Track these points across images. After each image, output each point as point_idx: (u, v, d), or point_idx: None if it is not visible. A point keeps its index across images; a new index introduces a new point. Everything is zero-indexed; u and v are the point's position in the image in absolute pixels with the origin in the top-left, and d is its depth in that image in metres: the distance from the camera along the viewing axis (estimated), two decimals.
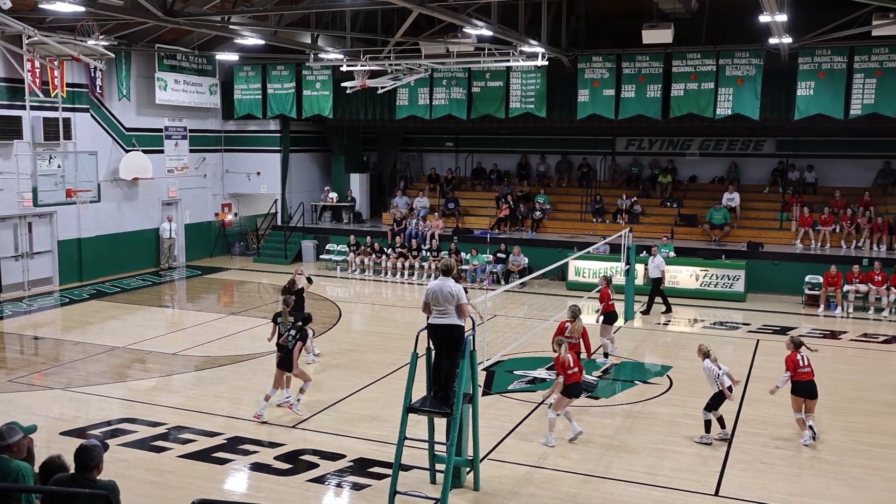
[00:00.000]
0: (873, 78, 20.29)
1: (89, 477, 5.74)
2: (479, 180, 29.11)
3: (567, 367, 11.07)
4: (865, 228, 22.37)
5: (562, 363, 11.09)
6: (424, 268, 24.21)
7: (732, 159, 26.65)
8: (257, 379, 14.15)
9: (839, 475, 10.22)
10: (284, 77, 26.60)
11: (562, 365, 11.09)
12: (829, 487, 9.87)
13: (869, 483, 9.99)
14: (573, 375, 11.09)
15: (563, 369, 11.07)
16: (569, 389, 11.11)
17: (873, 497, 9.60)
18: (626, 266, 19.01)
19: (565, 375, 11.06)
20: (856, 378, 14.55)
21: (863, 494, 9.65)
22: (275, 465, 10.46)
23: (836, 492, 9.74)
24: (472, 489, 9.70)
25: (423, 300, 9.53)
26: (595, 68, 22.81)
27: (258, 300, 21.66)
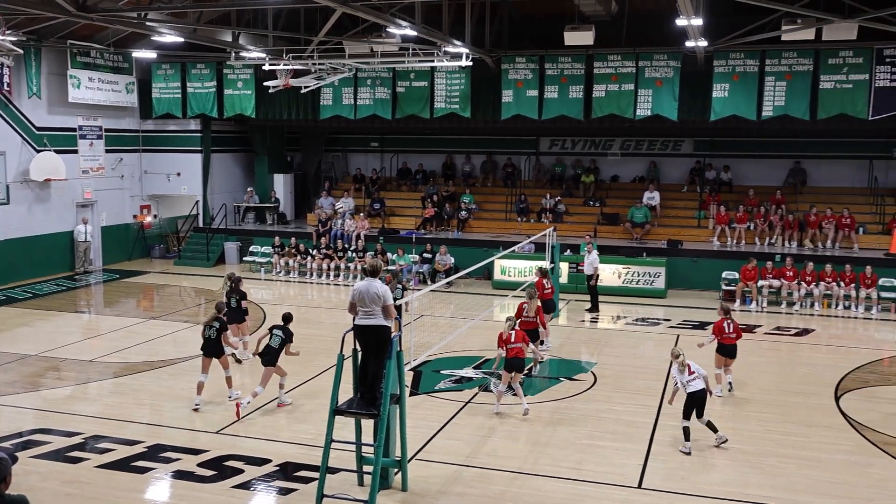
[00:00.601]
0: (783, 81, 21.08)
1: None
2: (405, 180, 29.09)
3: (507, 341, 12.16)
4: (778, 226, 23.21)
5: (504, 339, 12.20)
6: (350, 269, 24.06)
7: (652, 159, 27.31)
8: (179, 385, 13.84)
9: (755, 464, 10.56)
10: (205, 76, 26.07)
11: (503, 340, 12.21)
12: (746, 476, 10.19)
13: (783, 470, 10.36)
14: (513, 350, 12.15)
15: (504, 343, 12.18)
16: (509, 363, 12.20)
17: (788, 484, 9.95)
18: (550, 265, 19.25)
19: (505, 350, 12.15)
20: (770, 370, 15.07)
21: (778, 482, 10.00)
22: (198, 472, 10.23)
23: (753, 480, 10.07)
24: (401, 490, 9.68)
25: (350, 301, 9.47)
26: (518, 69, 23.06)
27: (180, 304, 21.16)
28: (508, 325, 12.45)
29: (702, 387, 10.99)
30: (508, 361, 12.26)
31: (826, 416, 12.49)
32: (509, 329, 12.36)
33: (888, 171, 25.17)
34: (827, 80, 20.76)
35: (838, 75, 20.65)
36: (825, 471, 10.38)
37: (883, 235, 22.65)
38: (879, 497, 9.61)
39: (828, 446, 11.27)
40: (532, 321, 14.41)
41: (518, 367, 12.36)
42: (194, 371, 14.66)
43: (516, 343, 12.25)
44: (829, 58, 20.66)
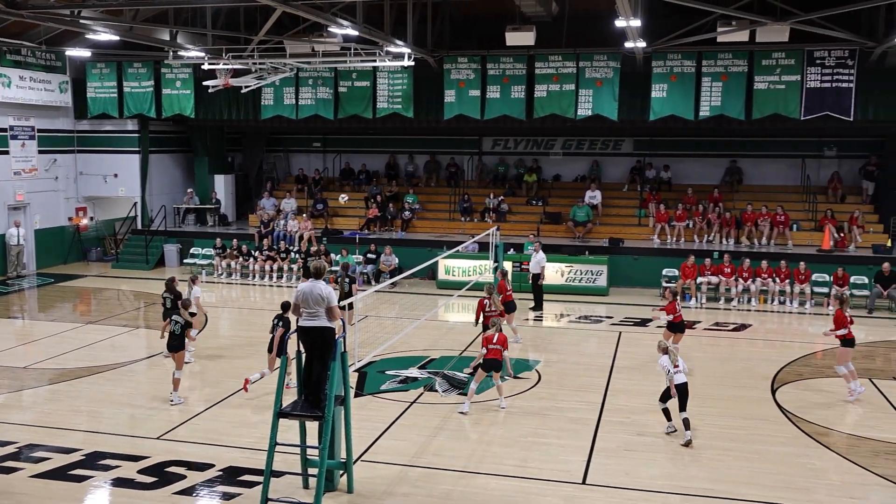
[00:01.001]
0: (719, 81, 21.56)
1: None
2: (348, 181, 28.93)
3: (490, 341, 12.46)
4: (715, 223, 23.73)
5: (488, 338, 12.53)
6: (293, 270, 23.83)
7: (594, 158, 27.67)
8: (118, 390, 13.54)
9: (696, 458, 10.78)
10: (142, 75, 25.54)
11: (486, 340, 12.54)
12: (686, 469, 10.39)
13: (723, 463, 10.59)
14: (492, 351, 12.43)
15: (486, 343, 12.49)
16: (487, 363, 12.44)
17: (727, 476, 10.18)
18: (494, 264, 19.37)
19: (487, 350, 12.44)
20: (709, 365, 15.39)
21: (718, 475, 10.22)
22: (138, 479, 10.01)
23: (694, 473, 10.27)
24: (346, 492, 9.63)
25: (293, 302, 9.38)
26: (461, 69, 23.13)
27: (118, 308, 20.68)
28: (494, 328, 12.76)
29: (685, 380, 11.41)
30: (486, 361, 12.48)
31: (763, 409, 12.81)
32: (495, 331, 12.67)
33: (819, 170, 25.97)
34: (761, 81, 21.30)
35: (771, 76, 21.21)
36: (763, 462, 10.64)
37: (815, 232, 23.34)
38: (815, 486, 9.89)
39: (765, 438, 11.56)
40: (494, 314, 14.76)
41: (495, 367, 12.55)
42: (134, 376, 14.44)
43: (497, 345, 12.48)
44: (763, 59, 21.21)
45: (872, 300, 20.11)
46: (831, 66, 20.82)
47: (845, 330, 12.97)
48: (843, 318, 13.01)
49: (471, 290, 19.83)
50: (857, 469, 10.41)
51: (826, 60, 20.83)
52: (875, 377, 14.55)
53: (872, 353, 16.48)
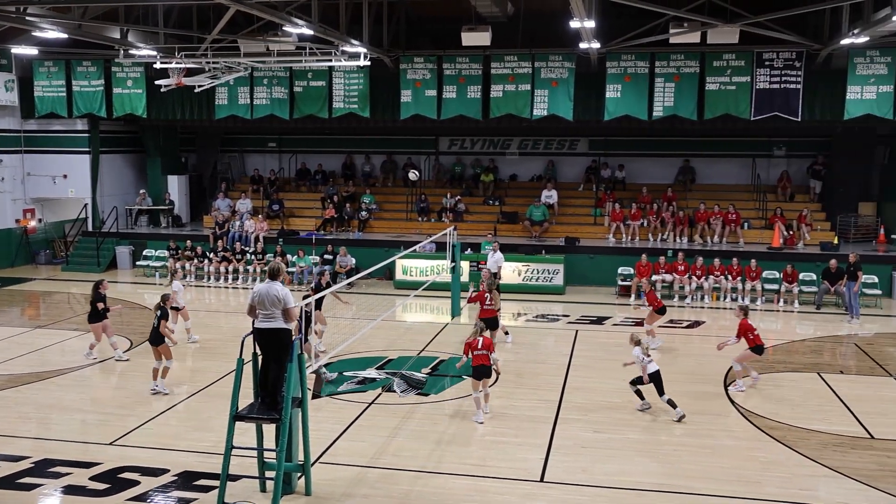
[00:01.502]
0: (672, 82, 21.89)
1: None
2: (304, 181, 28.74)
3: (474, 347, 12.00)
4: (669, 222, 24.07)
5: (469, 345, 12.07)
6: (249, 271, 23.60)
7: (549, 158, 27.87)
8: (68, 396, 13.27)
9: (651, 453, 10.93)
10: (92, 73, 25.07)
11: (470, 346, 12.05)
12: (643, 465, 10.52)
13: (678, 458, 10.75)
14: (478, 357, 11.93)
15: (470, 349, 12.03)
16: (476, 371, 11.98)
17: (682, 471, 10.33)
18: (451, 264, 19.40)
19: (471, 356, 11.99)
20: (663, 361, 15.55)
21: (673, 470, 10.37)
22: (90, 486, 9.82)
23: (650, 469, 10.41)
24: (304, 494, 9.56)
25: (249, 304, 9.30)
26: (417, 69, 23.13)
27: (68, 311, 20.27)
28: (476, 331, 12.29)
29: (657, 368, 12.32)
30: (475, 369, 11.99)
31: (716, 404, 13.03)
32: (477, 335, 12.16)
33: (769, 169, 26.52)
34: (712, 82, 21.68)
35: (722, 77, 21.60)
36: (717, 457, 10.83)
37: (766, 230, 23.83)
38: (767, 479, 10.09)
39: (718, 433, 11.76)
40: (492, 310, 14.89)
41: (486, 374, 12.01)
42: (85, 381, 14.17)
43: (482, 350, 12.00)
44: (714, 60, 21.58)
45: (820, 296, 20.58)
46: (779, 67, 21.28)
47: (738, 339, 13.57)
48: (748, 327, 13.53)
49: (428, 289, 19.84)
50: (807, 461, 10.65)
51: (774, 62, 21.28)
52: (823, 371, 14.91)
53: (820, 348, 16.88)
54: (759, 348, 13.53)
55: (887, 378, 14.56)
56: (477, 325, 12.54)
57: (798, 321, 19.51)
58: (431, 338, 17.26)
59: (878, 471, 10.32)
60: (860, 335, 17.98)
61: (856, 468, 10.39)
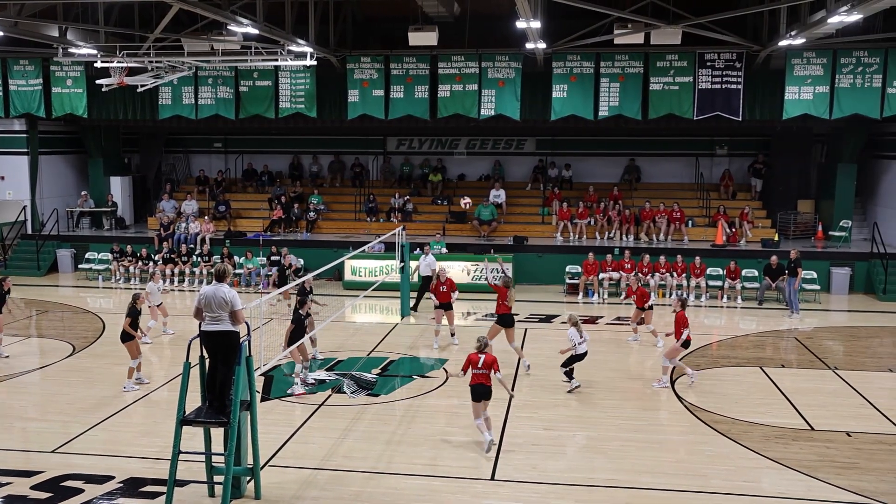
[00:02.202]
0: (617, 82, 22.18)
1: None
2: (251, 182, 28.43)
3: (474, 364, 10.77)
4: (616, 220, 24.40)
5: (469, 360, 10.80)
6: (196, 273, 23.25)
7: (497, 158, 28.02)
8: (11, 402, 12.91)
9: (600, 449, 11.07)
10: (29, 73, 24.41)
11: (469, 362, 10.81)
12: (592, 461, 10.66)
13: (627, 454, 10.91)
14: (478, 376, 10.75)
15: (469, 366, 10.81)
16: (474, 391, 10.74)
17: (631, 466, 10.49)
18: (400, 264, 19.38)
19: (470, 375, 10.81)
20: (611, 358, 15.81)
21: (622, 465, 10.52)
22: (32, 495, 9.58)
23: (599, 465, 10.55)
24: (254, 498, 9.47)
25: (196, 306, 9.17)
26: (364, 69, 23.04)
27: (7, 316, 19.66)
28: (478, 346, 10.89)
29: (586, 350, 13.31)
30: (473, 389, 10.72)
31: (662, 400, 13.26)
32: (480, 350, 10.84)
33: (712, 168, 27.08)
34: (656, 82, 22.03)
35: (666, 77, 21.96)
36: (664, 451, 11.02)
37: (709, 227, 24.31)
38: (713, 472, 10.30)
39: (665, 428, 11.99)
40: (508, 307, 14.49)
41: (485, 395, 10.71)
42: (27, 387, 13.83)
43: (483, 368, 10.68)
44: (658, 61, 21.93)
45: (762, 292, 21.07)
46: (721, 68, 21.72)
47: (687, 331, 13.65)
48: (682, 321, 13.71)
49: (377, 290, 19.79)
50: (751, 454, 10.89)
51: (716, 63, 21.72)
52: (765, 365, 15.27)
53: (762, 343, 17.29)
54: (687, 343, 13.73)
55: (826, 371, 14.99)
56: (480, 340, 11.09)
57: (741, 317, 19.96)
58: (381, 338, 17.23)
59: (818, 461, 10.62)
60: (800, 329, 18.45)
61: (797, 459, 10.67)
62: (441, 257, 22.24)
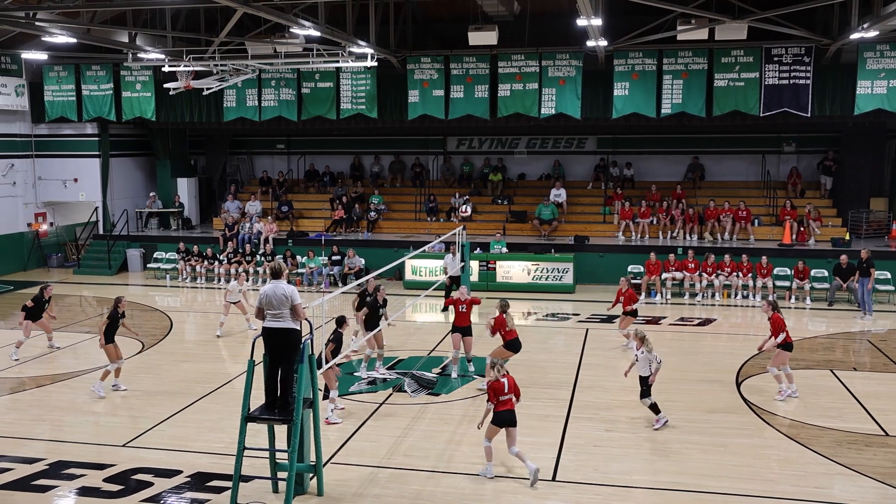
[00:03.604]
0: (680, 79, 21.81)
1: None
2: (313, 182, 28.80)
3: (500, 391, 9.87)
4: (679, 219, 24.00)
5: (494, 389, 9.87)
6: (259, 273, 23.65)
7: (557, 157, 27.83)
8: (81, 398, 13.33)
9: (662, 452, 10.90)
10: (101, 78, 25.17)
11: (494, 391, 9.88)
12: (654, 464, 10.50)
13: (689, 456, 10.72)
14: (504, 403, 9.91)
15: (495, 396, 9.87)
16: (498, 417, 9.91)
17: (694, 469, 10.30)
18: (460, 263, 19.40)
19: (496, 403, 9.88)
20: (674, 359, 15.53)
21: (685, 467, 10.34)
22: (104, 487, 9.87)
23: (661, 467, 10.38)
24: (316, 494, 9.58)
25: (257, 305, 9.31)
26: (424, 69, 23.13)
27: (80, 314, 20.35)
28: (497, 373, 9.94)
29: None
30: (498, 415, 9.89)
31: (728, 402, 12.98)
32: (500, 376, 9.92)
33: (779, 165, 26.41)
34: (721, 79, 21.59)
35: (731, 73, 21.51)
36: (729, 455, 10.79)
37: (776, 227, 23.73)
38: (781, 478, 10.05)
39: (731, 431, 11.72)
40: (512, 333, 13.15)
41: (511, 421, 9.92)
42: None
43: (508, 394, 9.92)
44: (722, 57, 21.50)
45: (832, 293, 20.47)
46: (788, 63, 21.18)
47: (783, 335, 12.91)
48: (780, 322, 12.95)
49: (438, 289, 19.84)
50: (821, 459, 10.59)
51: (783, 58, 21.18)
52: (836, 368, 14.83)
53: (833, 345, 16.80)
54: (790, 346, 13.03)
55: None
56: (496, 364, 10.08)
57: (810, 318, 19.42)
58: (441, 338, 17.27)
59: (893, 468, 10.25)
60: (873, 331, 17.87)
61: (871, 466, 10.33)
62: (501, 257, 22.32)
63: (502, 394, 9.85)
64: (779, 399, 13.01)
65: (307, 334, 9.48)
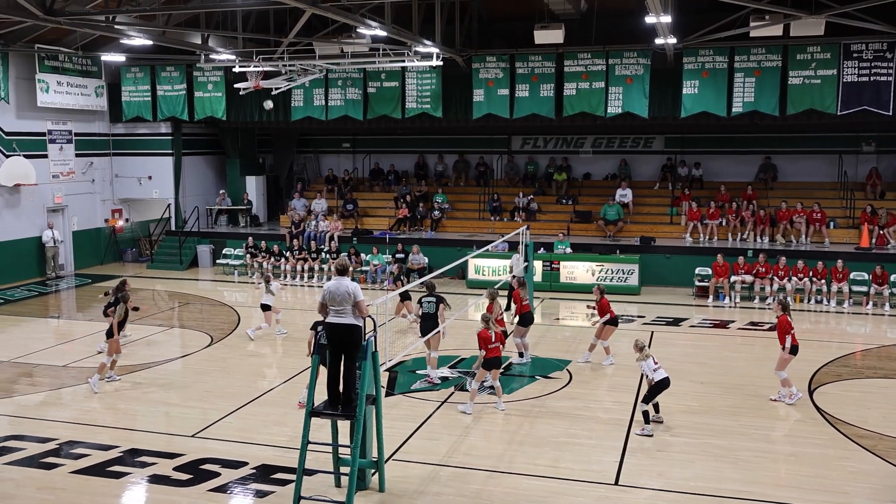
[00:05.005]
0: (752, 77, 21.28)
1: None
2: (377, 181, 29.04)
3: (488, 340, 12.18)
4: (749, 221, 23.43)
5: (484, 338, 12.18)
6: (324, 270, 23.96)
7: (623, 156, 27.46)
8: (153, 389, 13.70)
9: (729, 459, 10.64)
10: (175, 78, 25.84)
11: (484, 340, 12.19)
12: (720, 471, 10.26)
13: (758, 465, 10.45)
14: (493, 350, 12.25)
15: (485, 344, 12.18)
16: (488, 362, 12.30)
17: (763, 478, 10.04)
18: (524, 263, 19.30)
19: (487, 350, 12.20)
20: (743, 365, 15.21)
21: (753, 476, 10.08)
22: (174, 476, 10.14)
23: (727, 475, 10.14)
24: (378, 490, 9.65)
25: (320, 301, 9.40)
26: (489, 68, 23.09)
27: (153, 307, 20.94)
28: (486, 324, 12.35)
29: (666, 374, 11.63)
30: (489, 360, 12.32)
31: (800, 410, 12.61)
32: (488, 328, 12.31)
33: (857, 166, 25.52)
34: (795, 76, 21.00)
35: (807, 71, 20.89)
36: (800, 464, 10.49)
37: (853, 229, 22.96)
38: (855, 490, 9.71)
39: (802, 440, 11.39)
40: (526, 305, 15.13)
41: (496, 364, 12.48)
42: (168, 375, 14.62)
43: (496, 342, 12.33)
44: (798, 53, 20.90)
45: None
46: (869, 59, 20.45)
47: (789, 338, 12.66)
48: (786, 324, 12.70)
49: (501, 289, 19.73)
50: None
51: (863, 54, 20.47)
52: None
53: None
54: (795, 348, 12.78)
55: None
56: (487, 319, 12.40)
57: (889, 325, 18.73)
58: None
59: None
60: None
61: None
62: (565, 257, 22.14)
63: (490, 342, 12.17)
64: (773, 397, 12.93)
65: (370, 331, 9.56)
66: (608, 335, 15.18)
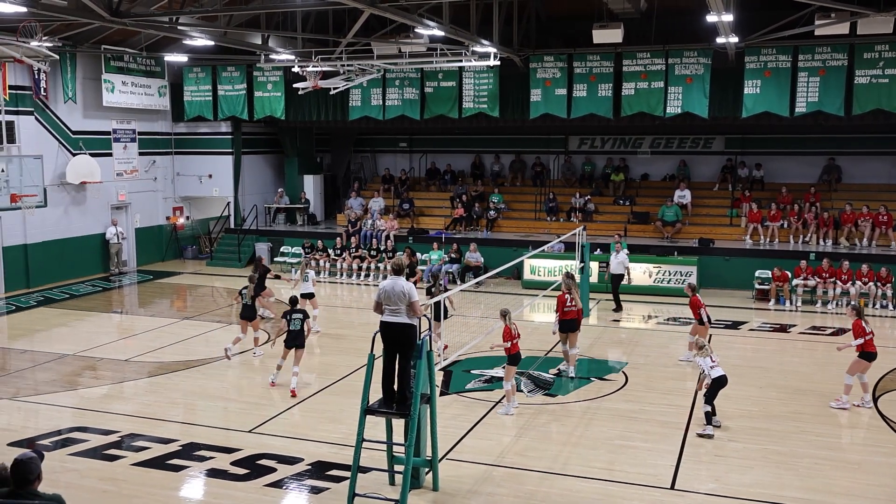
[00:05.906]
0: (817, 76, 20.77)
1: (32, 491, 5.51)
2: (434, 180, 29.12)
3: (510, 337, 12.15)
4: (812, 223, 22.88)
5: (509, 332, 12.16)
6: (380, 269, 24.13)
7: (682, 157, 27.05)
8: (211, 384, 13.99)
9: (790, 465, 10.42)
10: (235, 78, 26.30)
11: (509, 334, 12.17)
12: (780, 478, 10.05)
13: (820, 472, 10.21)
14: (515, 345, 12.20)
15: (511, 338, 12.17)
16: (513, 358, 12.24)
17: (824, 486, 9.80)
18: (580, 264, 19.18)
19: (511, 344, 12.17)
20: (805, 370, 14.87)
21: (813, 484, 9.85)
22: (231, 470, 10.33)
23: (787, 482, 9.93)
24: (432, 489, 9.69)
25: (375, 300, 9.47)
26: (547, 68, 22.97)
27: (212, 304, 21.36)
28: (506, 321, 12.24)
29: (723, 373, 11.51)
30: (511, 357, 12.25)
31: (864, 418, 12.29)
32: (508, 323, 12.22)
33: None
34: (862, 75, 20.41)
35: (874, 70, 20.29)
36: (863, 473, 10.21)
37: None
38: None
39: (866, 448, 11.09)
40: (573, 310, 14.36)
41: (516, 361, 12.37)
42: (226, 371, 14.89)
43: (516, 338, 12.33)
44: (865, 52, 20.30)
45: None
46: None
47: (861, 340, 12.36)
48: (860, 329, 12.42)
49: (556, 290, 19.64)
50: None
51: None
52: None
53: None
54: (870, 354, 12.47)
55: None
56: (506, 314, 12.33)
57: None
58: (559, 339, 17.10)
59: None
60: None
61: None
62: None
63: (511, 338, 12.08)
64: (833, 405, 12.58)
65: (426, 330, 9.60)
66: (703, 334, 14.95)
